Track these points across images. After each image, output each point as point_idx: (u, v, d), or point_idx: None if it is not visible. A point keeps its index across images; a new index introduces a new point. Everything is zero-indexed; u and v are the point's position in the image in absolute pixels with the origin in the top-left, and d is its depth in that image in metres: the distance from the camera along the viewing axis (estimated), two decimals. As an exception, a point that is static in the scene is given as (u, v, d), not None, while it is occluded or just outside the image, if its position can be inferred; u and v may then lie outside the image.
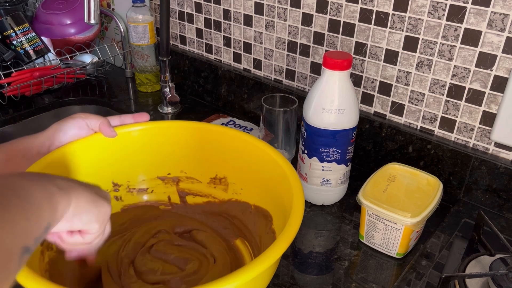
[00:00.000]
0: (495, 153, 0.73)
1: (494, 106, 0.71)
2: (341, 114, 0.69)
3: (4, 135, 1.01)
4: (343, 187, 0.77)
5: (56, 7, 1.18)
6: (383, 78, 0.81)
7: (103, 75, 1.24)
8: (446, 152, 0.76)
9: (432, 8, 0.71)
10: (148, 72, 1.15)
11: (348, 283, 0.62)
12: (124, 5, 1.17)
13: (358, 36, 0.81)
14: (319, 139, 0.71)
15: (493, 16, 0.66)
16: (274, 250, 0.46)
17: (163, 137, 0.70)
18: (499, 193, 0.72)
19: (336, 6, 0.81)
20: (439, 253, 0.65)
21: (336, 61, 0.67)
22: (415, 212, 0.62)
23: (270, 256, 0.46)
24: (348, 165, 0.75)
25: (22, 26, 1.10)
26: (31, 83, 1.06)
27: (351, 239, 0.70)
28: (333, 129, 0.70)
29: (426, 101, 0.77)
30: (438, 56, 0.73)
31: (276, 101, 0.83)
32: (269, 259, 0.45)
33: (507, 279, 0.53)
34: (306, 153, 0.74)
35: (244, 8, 0.96)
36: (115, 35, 1.27)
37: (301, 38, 0.89)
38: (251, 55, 1.00)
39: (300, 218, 0.51)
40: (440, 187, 0.67)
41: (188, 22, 1.10)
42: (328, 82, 0.69)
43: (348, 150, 0.73)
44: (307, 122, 0.72)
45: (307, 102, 0.72)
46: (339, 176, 0.75)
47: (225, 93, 1.07)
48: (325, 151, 0.72)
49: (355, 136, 0.73)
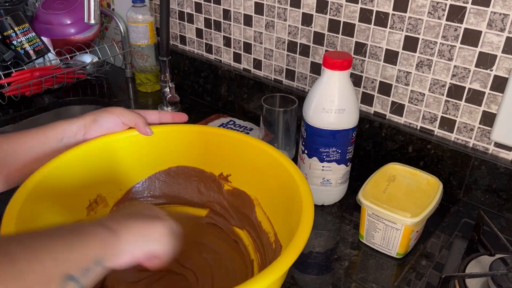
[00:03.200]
0: (495, 153, 0.73)
1: (494, 106, 0.71)
2: (341, 114, 0.69)
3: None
4: (343, 187, 0.77)
5: (56, 7, 1.18)
6: (383, 78, 0.81)
7: (103, 75, 1.24)
8: (446, 152, 0.76)
9: (432, 8, 0.71)
10: (148, 72, 1.15)
11: (348, 283, 0.62)
12: (124, 5, 1.17)
13: (358, 36, 0.81)
14: (319, 139, 0.71)
15: (493, 16, 0.66)
16: (283, 260, 0.45)
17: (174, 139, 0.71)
18: (499, 193, 0.72)
19: (336, 6, 0.82)
20: (439, 253, 0.65)
21: (336, 61, 0.67)
22: (415, 212, 0.62)
23: (280, 266, 0.44)
24: (348, 165, 0.75)
25: (22, 26, 1.10)
26: (31, 83, 1.06)
27: (351, 239, 0.70)
28: (333, 129, 0.70)
29: (426, 101, 0.77)
30: (438, 56, 0.73)
31: (276, 101, 0.83)
32: (279, 270, 0.44)
33: (507, 279, 0.53)
34: (306, 153, 0.74)
35: (244, 8, 0.96)
36: (115, 35, 1.27)
37: (301, 38, 0.89)
38: (251, 55, 1.00)
39: (309, 230, 0.50)
40: (440, 187, 0.67)
41: (188, 22, 1.10)
42: (328, 82, 0.69)
43: (348, 150, 0.73)
44: (307, 122, 0.72)
45: (307, 102, 0.72)
46: (339, 176, 0.75)
47: (225, 93, 1.07)
48: (325, 151, 0.72)
49: (355, 136, 0.73)
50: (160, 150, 0.71)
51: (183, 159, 0.72)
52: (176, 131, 0.70)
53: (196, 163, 0.72)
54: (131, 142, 0.68)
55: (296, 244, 0.47)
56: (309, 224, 0.50)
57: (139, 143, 0.68)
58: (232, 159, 0.69)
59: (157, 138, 0.69)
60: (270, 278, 0.43)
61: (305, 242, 0.48)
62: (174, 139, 0.70)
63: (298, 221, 0.51)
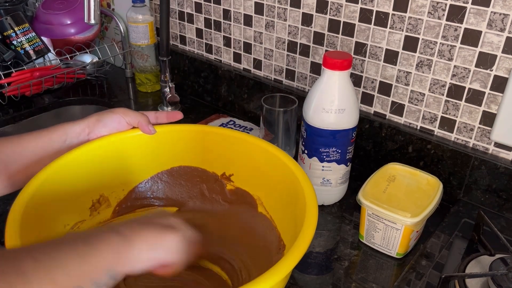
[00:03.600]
0: (495, 153, 0.73)
1: (494, 106, 0.71)
2: (341, 114, 0.69)
3: (4, 135, 1.01)
4: (343, 187, 0.77)
5: (56, 7, 1.18)
6: (383, 78, 0.81)
7: (103, 75, 1.24)
8: (446, 152, 0.76)
9: (432, 8, 0.71)
10: (148, 72, 1.15)
11: (348, 283, 0.62)
12: (124, 5, 1.17)
13: (358, 36, 0.81)
14: (319, 139, 0.71)
15: (493, 16, 0.66)
16: (286, 261, 0.45)
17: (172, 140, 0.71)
18: (499, 193, 0.72)
19: (336, 6, 0.82)
20: (439, 253, 0.65)
21: (336, 61, 0.67)
22: (415, 212, 0.62)
23: (282, 269, 0.44)
24: (348, 165, 0.75)
25: (22, 26, 1.10)
26: (31, 83, 1.06)
27: (351, 239, 0.70)
28: (333, 129, 0.70)
29: (426, 101, 0.77)
30: (438, 56, 0.73)
31: (276, 101, 0.83)
32: (280, 272, 0.44)
33: (507, 279, 0.53)
34: (306, 153, 0.74)
35: (244, 8, 0.96)
36: (115, 35, 1.27)
37: (301, 38, 0.89)
38: (251, 55, 1.00)
39: (313, 229, 0.49)
40: (440, 187, 0.67)
41: (188, 22, 1.10)
42: (328, 82, 0.69)
43: (348, 150, 0.73)
44: (307, 122, 0.72)
45: (307, 102, 0.72)
46: (339, 176, 0.75)
47: (225, 93, 1.07)
48: (325, 151, 0.72)
49: (355, 136, 0.73)
50: (162, 150, 0.71)
51: (186, 159, 0.72)
52: (178, 131, 0.70)
53: (198, 163, 0.72)
54: (133, 142, 0.68)
55: (300, 244, 0.47)
56: (313, 224, 0.50)
57: (142, 143, 0.68)
58: (235, 159, 0.69)
59: (159, 138, 0.69)
60: (275, 278, 0.43)
61: (309, 241, 0.47)
62: (176, 139, 0.70)
63: (302, 220, 0.51)
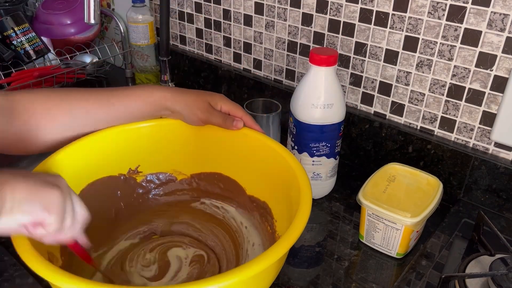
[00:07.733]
0: (495, 153, 0.73)
1: (494, 106, 0.71)
2: (329, 109, 0.70)
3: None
4: (332, 180, 0.78)
5: (56, 7, 1.18)
6: (383, 78, 0.81)
7: (103, 75, 1.24)
8: (446, 152, 0.76)
9: (432, 8, 0.71)
10: (148, 72, 1.15)
11: (348, 283, 0.62)
12: (124, 5, 1.17)
13: (358, 36, 0.81)
14: (309, 134, 0.72)
15: (493, 16, 0.66)
16: (281, 244, 0.46)
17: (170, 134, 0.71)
18: (499, 193, 0.72)
19: (336, 6, 0.82)
20: (439, 253, 0.65)
21: (322, 57, 0.67)
22: (415, 212, 0.62)
23: (276, 251, 0.45)
24: (336, 158, 0.76)
25: (22, 26, 1.10)
26: (31, 83, 1.06)
27: (351, 239, 0.70)
28: (322, 124, 0.71)
29: (426, 101, 0.77)
30: (438, 56, 0.73)
31: (259, 106, 0.83)
32: (274, 255, 0.45)
33: (507, 279, 0.53)
34: (296, 149, 0.74)
35: (244, 8, 0.96)
36: (115, 35, 1.27)
37: (301, 38, 0.89)
38: (251, 55, 1.00)
39: (307, 216, 0.51)
40: (440, 187, 0.67)
41: (188, 22, 1.10)
42: (316, 78, 0.69)
43: (336, 144, 0.74)
44: (296, 118, 0.72)
45: (295, 98, 0.72)
46: (329, 170, 0.75)
47: (225, 93, 1.07)
48: (315, 145, 0.72)
49: (343, 130, 0.73)
50: (162, 150, 0.71)
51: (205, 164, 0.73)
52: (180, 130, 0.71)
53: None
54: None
55: (295, 226, 0.49)
56: (308, 206, 0.52)
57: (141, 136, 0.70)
58: (223, 152, 0.70)
59: (159, 137, 0.70)
60: (270, 258, 0.44)
61: (304, 225, 0.49)
62: (178, 139, 0.71)
63: (298, 202, 0.52)
